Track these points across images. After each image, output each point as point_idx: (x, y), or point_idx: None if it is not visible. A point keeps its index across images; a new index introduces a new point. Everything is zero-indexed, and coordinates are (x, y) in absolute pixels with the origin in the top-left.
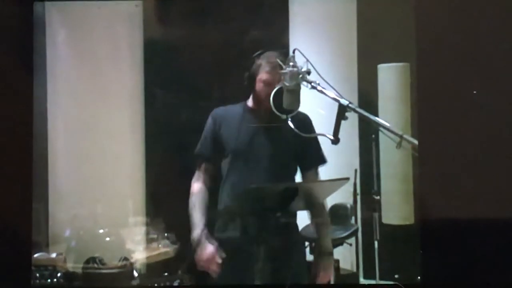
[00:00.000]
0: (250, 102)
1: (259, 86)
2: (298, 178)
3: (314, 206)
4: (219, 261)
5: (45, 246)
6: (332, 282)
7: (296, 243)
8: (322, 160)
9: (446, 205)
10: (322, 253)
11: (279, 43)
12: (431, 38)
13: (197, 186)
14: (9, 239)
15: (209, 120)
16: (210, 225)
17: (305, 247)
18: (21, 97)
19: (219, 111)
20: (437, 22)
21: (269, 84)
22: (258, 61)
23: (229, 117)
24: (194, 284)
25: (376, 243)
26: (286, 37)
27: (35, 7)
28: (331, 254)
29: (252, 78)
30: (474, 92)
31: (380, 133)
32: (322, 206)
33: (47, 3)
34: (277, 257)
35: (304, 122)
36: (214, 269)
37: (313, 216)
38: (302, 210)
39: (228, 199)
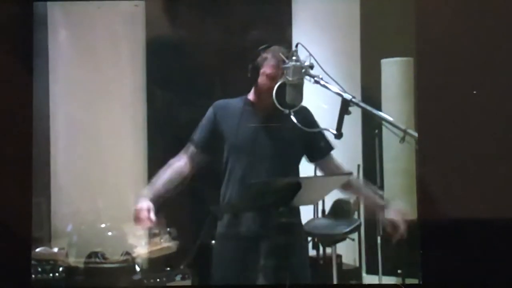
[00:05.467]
0: (251, 96)
1: (262, 79)
2: (301, 171)
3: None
4: (153, 217)
5: (47, 240)
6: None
7: (299, 238)
8: (331, 147)
9: (446, 204)
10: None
11: (282, 38)
12: (433, 33)
13: (177, 163)
14: (8, 233)
15: (210, 111)
16: (214, 221)
17: (308, 242)
18: (21, 96)
19: (220, 103)
20: (439, 17)
21: (272, 78)
22: (264, 54)
23: (230, 110)
24: (195, 282)
25: (379, 238)
26: (289, 32)
27: (36, 7)
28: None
29: (256, 71)
30: (474, 92)
31: (384, 128)
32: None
33: (48, 3)
34: (280, 252)
35: (305, 115)
36: (145, 224)
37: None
38: (306, 205)
39: (232, 194)
